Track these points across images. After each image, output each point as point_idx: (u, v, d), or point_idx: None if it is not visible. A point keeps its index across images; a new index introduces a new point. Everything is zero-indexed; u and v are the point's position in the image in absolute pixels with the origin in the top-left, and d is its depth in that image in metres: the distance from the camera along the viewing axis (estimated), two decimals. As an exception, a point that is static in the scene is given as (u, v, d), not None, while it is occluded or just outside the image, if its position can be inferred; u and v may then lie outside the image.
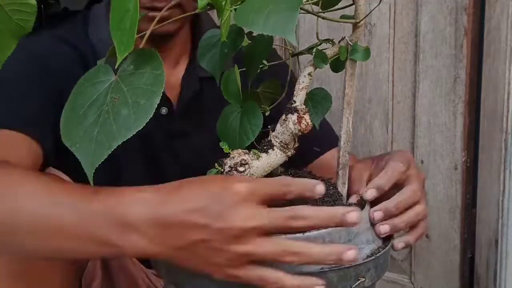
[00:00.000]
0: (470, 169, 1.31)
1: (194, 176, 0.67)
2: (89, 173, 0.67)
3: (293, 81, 0.79)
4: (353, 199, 0.80)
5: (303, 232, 0.67)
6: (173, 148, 1.08)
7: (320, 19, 0.78)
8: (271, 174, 0.77)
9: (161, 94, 0.66)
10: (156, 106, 0.65)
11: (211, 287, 0.68)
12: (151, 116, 0.65)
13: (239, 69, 0.81)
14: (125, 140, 0.65)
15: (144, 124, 0.65)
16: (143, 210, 0.62)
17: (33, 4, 0.66)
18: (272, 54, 1.01)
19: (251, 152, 0.76)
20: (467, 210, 1.32)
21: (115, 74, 0.69)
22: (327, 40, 0.82)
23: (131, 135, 0.65)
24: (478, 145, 1.28)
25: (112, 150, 0.66)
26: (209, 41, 0.80)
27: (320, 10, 0.79)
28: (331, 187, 0.80)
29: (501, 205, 1.21)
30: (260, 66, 0.81)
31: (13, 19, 0.66)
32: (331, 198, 0.78)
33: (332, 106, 0.80)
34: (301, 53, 0.82)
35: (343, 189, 0.81)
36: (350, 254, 0.62)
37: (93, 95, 0.68)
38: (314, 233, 0.68)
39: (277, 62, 0.84)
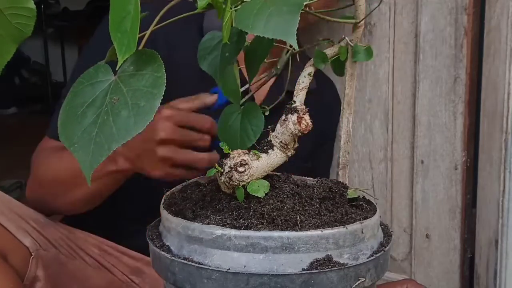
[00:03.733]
0: (470, 169, 1.31)
1: None
2: (87, 174, 0.66)
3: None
4: None
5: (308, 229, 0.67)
6: None
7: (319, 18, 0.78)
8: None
9: (161, 97, 0.65)
10: (156, 109, 0.65)
11: (211, 287, 0.68)
12: (151, 119, 0.65)
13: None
14: (124, 142, 0.65)
15: (144, 127, 0.65)
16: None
17: (32, 8, 0.66)
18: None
19: (251, 153, 0.76)
20: (467, 210, 1.32)
21: (115, 75, 0.69)
22: (327, 40, 0.82)
23: (131, 138, 0.65)
24: (478, 145, 1.28)
25: (111, 152, 0.65)
26: (209, 43, 0.79)
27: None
28: (333, 186, 0.80)
29: (501, 205, 1.21)
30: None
31: (13, 24, 0.65)
32: (332, 198, 0.78)
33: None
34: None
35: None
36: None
37: (92, 95, 0.68)
38: (319, 233, 0.68)
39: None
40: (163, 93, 0.65)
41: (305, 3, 0.61)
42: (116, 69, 0.68)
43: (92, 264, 1.15)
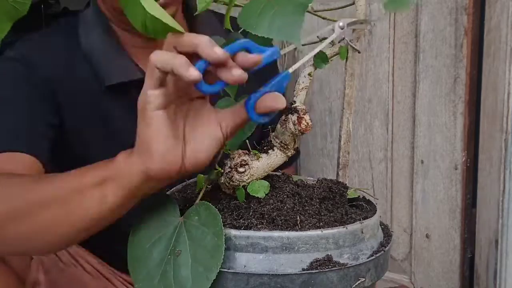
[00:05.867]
0: (470, 169, 1.31)
1: None
2: None
3: None
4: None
5: (304, 229, 0.67)
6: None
7: (320, 18, 0.78)
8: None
9: (218, 269, 0.65)
10: (210, 284, 0.65)
11: (210, 286, 0.68)
12: None
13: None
14: None
15: None
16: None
17: None
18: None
19: (251, 153, 0.76)
20: (467, 210, 1.32)
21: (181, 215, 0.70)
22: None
23: None
24: (478, 145, 1.28)
25: None
26: None
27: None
28: (333, 186, 0.80)
29: (501, 205, 1.21)
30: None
31: (9, 2, 0.65)
32: (332, 198, 0.78)
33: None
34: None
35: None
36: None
37: (160, 232, 0.69)
38: (319, 233, 0.68)
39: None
40: None
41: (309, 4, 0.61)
42: None
43: (91, 272, 1.15)
